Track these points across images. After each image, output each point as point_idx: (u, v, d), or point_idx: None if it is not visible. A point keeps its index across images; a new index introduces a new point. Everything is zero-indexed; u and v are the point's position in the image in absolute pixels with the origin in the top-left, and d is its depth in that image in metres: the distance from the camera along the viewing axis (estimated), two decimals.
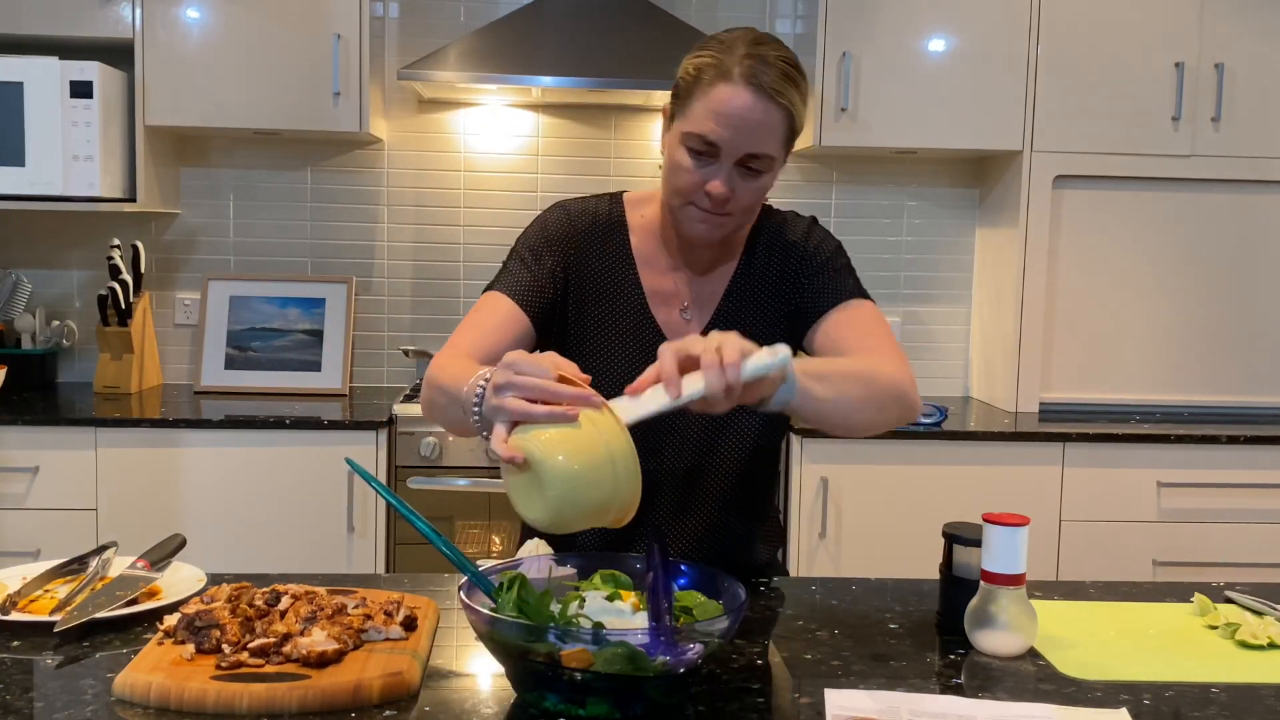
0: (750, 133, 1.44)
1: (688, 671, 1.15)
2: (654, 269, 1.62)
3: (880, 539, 3.08)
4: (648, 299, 1.61)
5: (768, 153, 1.46)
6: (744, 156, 1.46)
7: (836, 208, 3.68)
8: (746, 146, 1.45)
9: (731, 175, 1.47)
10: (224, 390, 3.42)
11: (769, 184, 1.51)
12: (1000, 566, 1.35)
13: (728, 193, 1.47)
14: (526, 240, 1.62)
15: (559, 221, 1.62)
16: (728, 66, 1.44)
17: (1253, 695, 1.27)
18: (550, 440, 1.16)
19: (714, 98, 1.44)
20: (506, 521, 3.02)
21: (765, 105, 1.43)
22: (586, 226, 1.62)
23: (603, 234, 1.62)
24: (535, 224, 1.63)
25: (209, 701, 1.14)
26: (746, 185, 1.48)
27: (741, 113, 1.43)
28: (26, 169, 3.00)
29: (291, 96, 3.16)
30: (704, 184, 1.47)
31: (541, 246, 1.60)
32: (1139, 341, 3.46)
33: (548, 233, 1.61)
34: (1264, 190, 3.43)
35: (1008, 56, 3.29)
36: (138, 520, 2.94)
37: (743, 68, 1.44)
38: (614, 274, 1.62)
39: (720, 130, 1.44)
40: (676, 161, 1.49)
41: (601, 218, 1.63)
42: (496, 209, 3.61)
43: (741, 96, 1.43)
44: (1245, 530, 3.12)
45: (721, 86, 1.44)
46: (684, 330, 1.61)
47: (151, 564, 1.54)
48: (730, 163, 1.46)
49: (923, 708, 1.19)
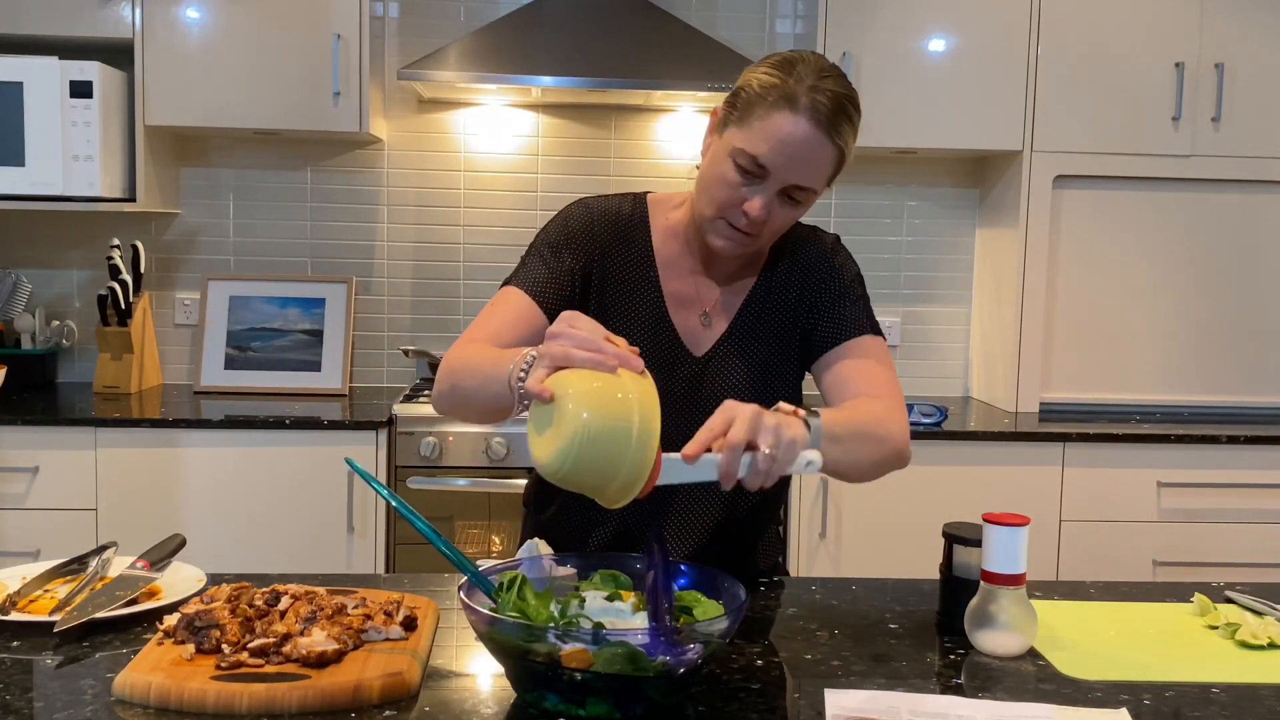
0: (802, 165, 1.44)
1: (688, 671, 1.15)
2: (675, 272, 1.62)
3: (880, 539, 3.08)
4: (666, 302, 1.61)
5: (812, 186, 1.47)
6: (790, 186, 1.46)
7: (836, 208, 3.68)
8: (795, 178, 1.45)
9: (772, 200, 1.47)
10: (224, 390, 3.42)
11: (802, 214, 1.52)
12: (1000, 566, 1.35)
13: (764, 216, 1.47)
14: (547, 236, 1.61)
15: (581, 219, 1.61)
16: (794, 94, 1.43)
17: (1253, 695, 1.27)
18: (584, 389, 1.17)
19: (774, 122, 1.43)
20: (506, 521, 3.02)
21: (822, 140, 1.43)
22: (609, 226, 1.61)
23: (625, 234, 1.62)
24: (557, 220, 1.63)
25: (209, 701, 1.14)
26: (783, 212, 1.49)
27: (799, 144, 1.43)
28: (26, 169, 3.00)
29: (291, 96, 3.16)
30: (743, 203, 1.47)
31: (561, 243, 1.59)
32: (1139, 341, 3.46)
33: (569, 230, 1.60)
34: (1264, 190, 3.43)
35: (1008, 56, 3.29)
36: (138, 520, 2.94)
37: (809, 99, 1.42)
38: (634, 275, 1.61)
39: (774, 156, 1.43)
40: (721, 174, 1.48)
41: (625, 218, 1.62)
42: (496, 209, 3.61)
43: (802, 128, 1.42)
44: (1245, 530, 3.12)
45: (785, 113, 1.42)
46: (701, 336, 1.61)
47: (151, 564, 1.54)
48: (775, 189, 1.46)
49: (923, 708, 1.19)
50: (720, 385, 1.60)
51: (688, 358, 1.60)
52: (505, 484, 3.01)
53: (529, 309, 1.54)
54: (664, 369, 1.57)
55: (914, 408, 3.14)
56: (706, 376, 1.60)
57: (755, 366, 1.61)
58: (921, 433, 3.06)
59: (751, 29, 3.61)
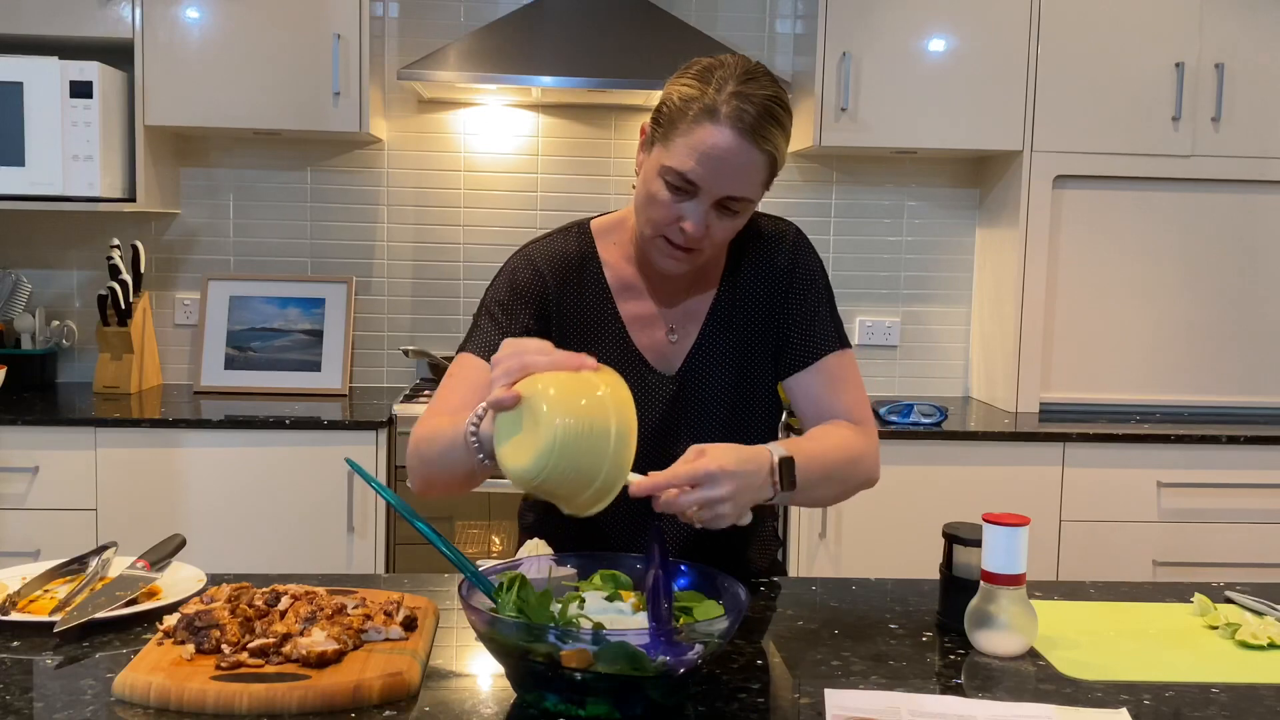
0: (731, 175, 1.41)
1: (688, 671, 1.15)
2: (631, 296, 1.59)
3: (880, 539, 3.08)
4: (628, 327, 1.58)
5: (746, 195, 1.44)
6: (724, 198, 1.43)
7: (836, 208, 3.68)
8: (726, 189, 1.42)
9: (708, 214, 1.44)
10: (224, 390, 3.42)
11: (743, 222, 1.49)
12: (1000, 566, 1.35)
13: (701, 232, 1.44)
14: (495, 294, 1.58)
15: (526, 275, 1.57)
16: (714, 105, 1.39)
17: (1253, 695, 1.27)
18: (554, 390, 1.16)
19: (697, 136, 1.40)
20: (506, 521, 3.02)
21: (748, 148, 1.40)
22: (557, 270, 1.57)
23: (576, 274, 1.58)
24: (503, 278, 1.59)
25: (209, 701, 1.14)
26: (721, 224, 1.46)
27: (724, 155, 1.40)
28: (26, 169, 3.00)
29: (291, 96, 3.16)
30: (678, 220, 1.44)
31: (511, 301, 1.56)
32: (1139, 341, 3.46)
33: (515, 285, 1.57)
34: (1264, 190, 3.43)
35: (1008, 56, 3.29)
36: (138, 520, 2.94)
37: (729, 108, 1.39)
38: (592, 310, 1.58)
39: (701, 171, 1.40)
40: (653, 193, 1.45)
41: (572, 257, 1.59)
42: (496, 209, 3.61)
43: (727, 138, 1.39)
44: (1245, 530, 3.12)
45: (707, 126, 1.39)
46: (669, 353, 1.59)
47: (151, 564, 1.54)
48: (708, 203, 1.43)
49: (923, 708, 1.19)
50: (697, 400, 1.58)
51: (659, 379, 1.58)
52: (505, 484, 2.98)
53: (485, 374, 1.50)
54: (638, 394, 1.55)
55: (914, 408, 3.14)
56: (682, 395, 1.58)
57: (729, 378, 1.60)
58: (921, 433, 3.06)
59: (751, 29, 3.61)
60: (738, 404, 1.60)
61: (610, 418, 1.15)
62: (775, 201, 3.63)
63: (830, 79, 3.26)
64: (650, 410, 1.55)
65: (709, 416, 1.58)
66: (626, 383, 1.35)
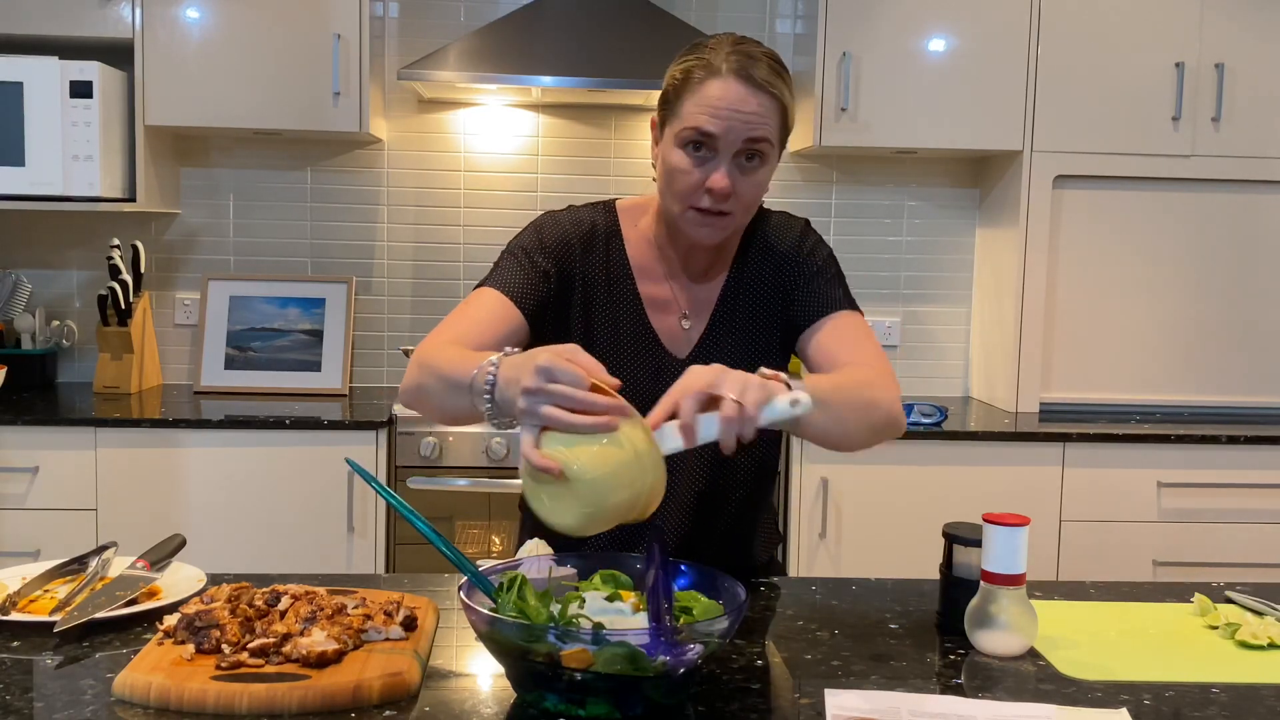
0: (745, 120, 1.44)
1: (688, 671, 1.15)
2: (650, 277, 1.61)
3: (880, 539, 3.08)
4: (645, 307, 1.60)
5: (765, 137, 1.46)
6: (743, 146, 1.45)
7: (836, 208, 3.68)
8: (744, 133, 1.44)
9: (731, 169, 1.46)
10: (224, 390, 3.42)
11: (766, 179, 1.51)
12: (1000, 566, 1.35)
13: (729, 185, 1.45)
14: (520, 241, 1.60)
15: (554, 229, 1.59)
16: (715, 64, 1.45)
17: (1253, 695, 1.27)
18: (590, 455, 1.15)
19: (705, 93, 1.44)
20: (506, 521, 3.02)
21: (758, 94, 1.44)
22: (583, 237, 1.60)
23: (601, 245, 1.61)
24: (530, 228, 1.61)
25: (209, 701, 1.14)
26: (746, 180, 1.48)
27: (736, 102, 1.44)
28: (26, 169, 3.00)
29: (291, 96, 3.16)
30: (704, 182, 1.46)
31: (535, 249, 1.57)
32: (1139, 341, 3.46)
33: (543, 238, 1.58)
34: (1264, 190, 3.43)
35: (1008, 56, 3.29)
36: (138, 520, 2.94)
37: (730, 63, 1.45)
38: (612, 284, 1.60)
39: (716, 121, 1.44)
40: (674, 165, 1.47)
41: (599, 228, 1.61)
42: (496, 209, 3.61)
43: (734, 87, 1.44)
44: (1245, 530, 3.12)
45: (712, 82, 1.44)
46: (681, 338, 1.61)
47: (151, 564, 1.54)
48: (729, 154, 1.45)
49: (923, 708, 1.19)
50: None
51: (671, 361, 1.59)
52: (505, 484, 3.01)
53: (504, 307, 1.52)
54: (649, 375, 1.57)
55: (914, 408, 3.14)
56: None
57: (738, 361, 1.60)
58: (921, 433, 3.06)
59: (751, 29, 3.61)
60: None
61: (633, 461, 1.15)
62: (775, 201, 3.62)
63: (830, 79, 3.26)
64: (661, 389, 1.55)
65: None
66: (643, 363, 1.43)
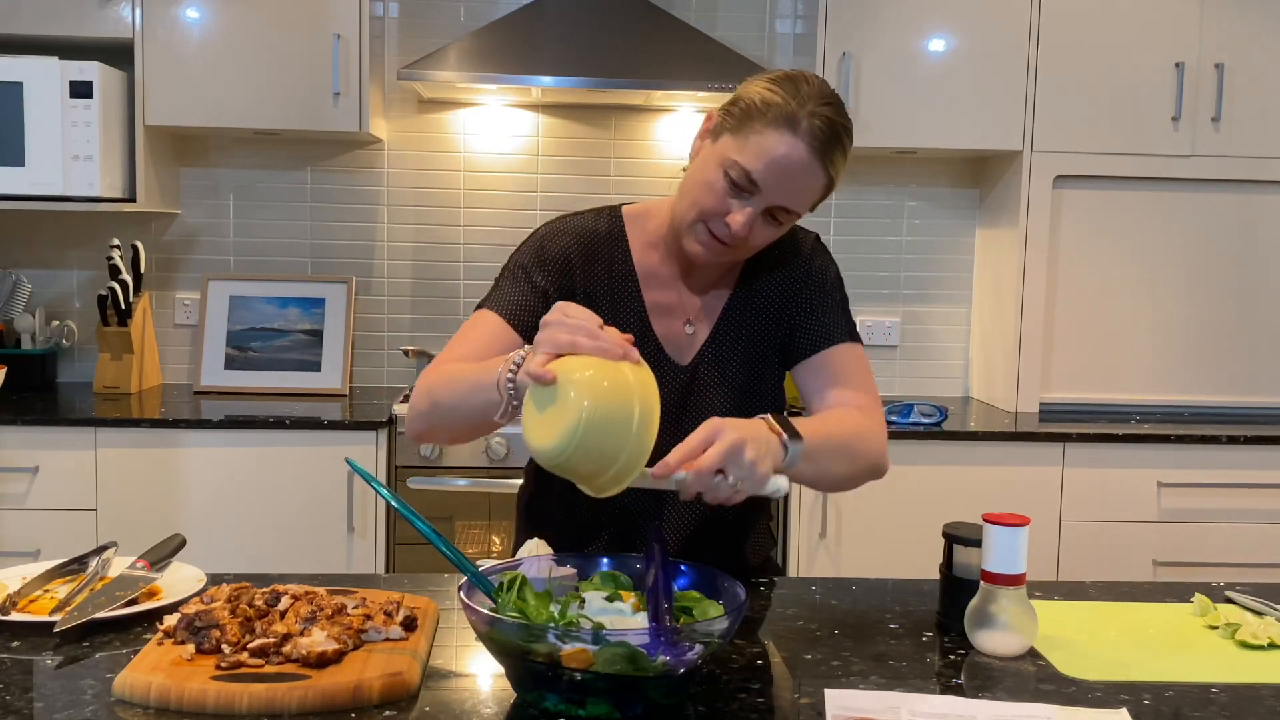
0: (793, 187, 1.44)
1: (688, 671, 1.15)
2: (656, 283, 1.61)
3: (880, 539, 3.08)
4: (649, 313, 1.60)
5: (798, 209, 1.48)
6: (777, 206, 1.46)
7: (837, 208, 3.68)
8: (784, 200, 1.45)
9: (756, 218, 1.46)
10: (224, 390, 3.42)
11: (780, 235, 1.52)
12: (1000, 566, 1.35)
13: (745, 232, 1.46)
14: (520, 258, 1.60)
15: (555, 242, 1.59)
16: (796, 116, 1.42)
17: (1253, 695, 1.27)
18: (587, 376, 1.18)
19: (772, 140, 1.42)
20: (506, 521, 3.02)
21: (816, 167, 1.44)
22: (584, 245, 1.59)
23: (605, 252, 1.60)
24: (530, 242, 1.61)
25: (209, 701, 1.14)
26: (763, 230, 1.49)
27: (794, 168, 1.43)
28: (26, 169, 3.00)
29: (291, 96, 3.16)
30: (727, 214, 1.46)
31: (534, 266, 1.58)
32: (1139, 341, 3.46)
33: (543, 254, 1.58)
34: (1264, 190, 3.43)
35: (1008, 56, 3.29)
36: (138, 520, 2.94)
37: (810, 124, 1.42)
38: (616, 289, 1.60)
39: (767, 175, 1.43)
40: (709, 181, 1.47)
41: (602, 234, 1.61)
42: (496, 209, 3.61)
43: (800, 152, 1.42)
44: (1245, 530, 3.12)
45: (785, 133, 1.42)
46: (685, 344, 1.61)
47: (151, 564, 1.54)
48: (761, 207, 1.46)
49: (923, 708, 1.19)
50: (707, 393, 1.60)
51: (674, 367, 1.60)
52: (505, 484, 3.00)
53: (503, 332, 1.54)
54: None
55: (914, 408, 3.14)
56: (694, 385, 1.60)
57: (739, 372, 1.61)
58: (921, 433, 3.06)
59: (751, 29, 3.61)
60: (745, 399, 1.61)
61: (634, 404, 1.18)
62: None
63: (830, 79, 3.25)
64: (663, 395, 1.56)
65: (715, 409, 1.59)
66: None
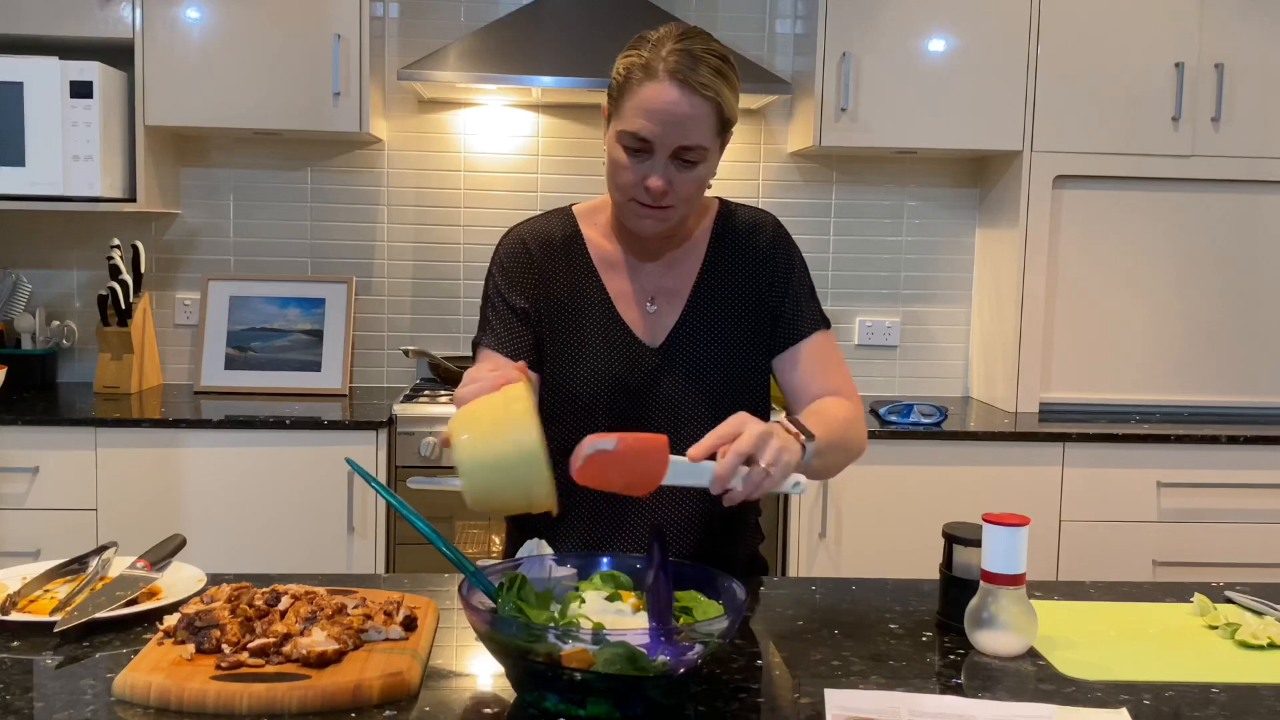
0: (678, 126, 1.49)
1: (688, 671, 1.15)
2: (616, 272, 1.66)
3: (880, 539, 3.08)
4: (614, 301, 1.65)
5: (699, 144, 1.51)
6: (677, 149, 1.50)
7: (836, 208, 3.68)
8: (677, 139, 1.50)
9: (667, 169, 1.51)
10: (224, 390, 3.42)
11: (706, 174, 1.56)
12: (1000, 566, 1.35)
13: (664, 186, 1.51)
14: (495, 284, 1.67)
15: (514, 255, 1.67)
16: (653, 65, 1.49)
17: (1253, 695, 1.27)
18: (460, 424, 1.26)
19: (642, 96, 1.49)
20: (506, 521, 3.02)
21: (691, 98, 1.48)
22: (543, 247, 1.66)
23: (563, 254, 1.66)
24: (495, 265, 1.68)
25: (209, 701, 1.14)
26: (683, 177, 1.53)
27: (669, 108, 1.48)
28: (26, 169, 3.00)
29: (291, 96, 3.16)
30: (643, 180, 1.52)
31: (507, 289, 1.65)
32: (1139, 341, 3.46)
33: (507, 271, 1.66)
34: (1264, 190, 3.43)
35: (1008, 56, 3.29)
36: (138, 520, 2.94)
37: (667, 64, 1.48)
38: (579, 287, 1.65)
39: (650, 126, 1.49)
40: (615, 160, 1.54)
41: (557, 238, 1.67)
42: (496, 209, 3.61)
43: (668, 92, 1.48)
44: (1245, 530, 3.12)
45: (649, 85, 1.49)
46: (654, 326, 1.64)
47: (151, 564, 1.54)
48: (664, 156, 1.51)
49: (923, 708, 1.19)
50: (681, 374, 1.63)
51: (645, 350, 1.63)
52: None
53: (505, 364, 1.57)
54: (624, 365, 1.62)
55: (914, 408, 3.14)
56: (666, 366, 1.63)
57: (715, 352, 1.65)
58: (921, 433, 3.06)
59: (751, 29, 3.61)
60: (728, 381, 1.65)
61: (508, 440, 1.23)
62: (776, 201, 3.63)
63: (830, 79, 3.26)
64: (635, 377, 1.63)
65: (696, 390, 1.63)
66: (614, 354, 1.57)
